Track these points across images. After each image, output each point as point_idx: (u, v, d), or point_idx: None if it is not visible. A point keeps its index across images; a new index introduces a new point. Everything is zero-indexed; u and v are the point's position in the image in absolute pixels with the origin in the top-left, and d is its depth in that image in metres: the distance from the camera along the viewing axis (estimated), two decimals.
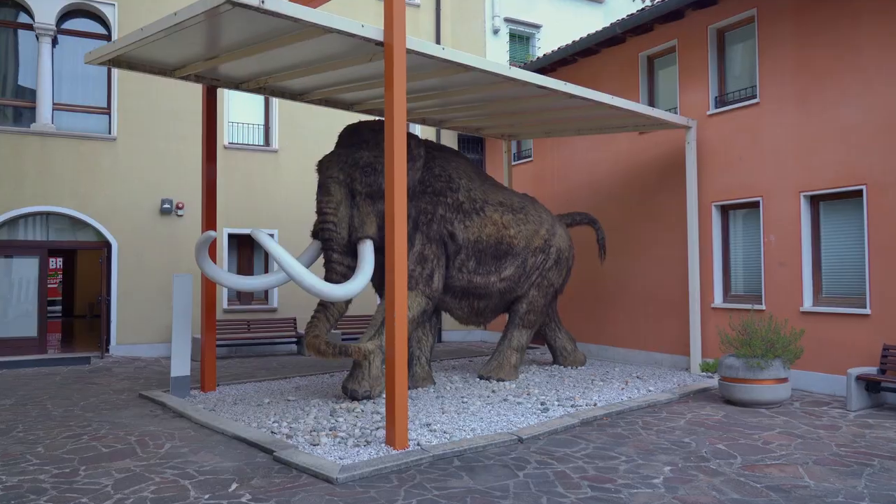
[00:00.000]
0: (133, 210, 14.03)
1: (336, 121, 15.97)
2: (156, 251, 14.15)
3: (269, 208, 15.25)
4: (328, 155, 9.24)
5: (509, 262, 10.24)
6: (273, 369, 12.47)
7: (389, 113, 6.79)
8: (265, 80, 9.52)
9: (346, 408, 8.43)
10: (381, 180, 9.05)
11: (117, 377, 11.49)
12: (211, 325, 9.89)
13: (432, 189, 9.58)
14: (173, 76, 9.28)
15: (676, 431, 7.54)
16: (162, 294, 14.07)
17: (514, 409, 8.42)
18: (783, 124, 10.16)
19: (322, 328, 8.78)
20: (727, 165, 11.00)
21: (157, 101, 14.33)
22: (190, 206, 14.43)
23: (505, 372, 10.57)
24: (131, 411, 8.72)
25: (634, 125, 11.74)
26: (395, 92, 6.74)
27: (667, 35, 12.07)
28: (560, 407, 8.60)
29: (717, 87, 11.36)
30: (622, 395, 9.41)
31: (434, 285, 9.44)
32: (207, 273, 8.61)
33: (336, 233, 8.81)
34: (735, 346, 8.94)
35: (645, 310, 12.46)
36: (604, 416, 8.22)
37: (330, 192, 8.83)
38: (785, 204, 10.12)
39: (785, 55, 10.15)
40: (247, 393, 9.76)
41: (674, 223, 11.91)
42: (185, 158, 14.47)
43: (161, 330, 14.08)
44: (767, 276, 10.35)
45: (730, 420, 8.06)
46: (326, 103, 11.00)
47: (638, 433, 7.48)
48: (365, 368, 8.95)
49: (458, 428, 7.43)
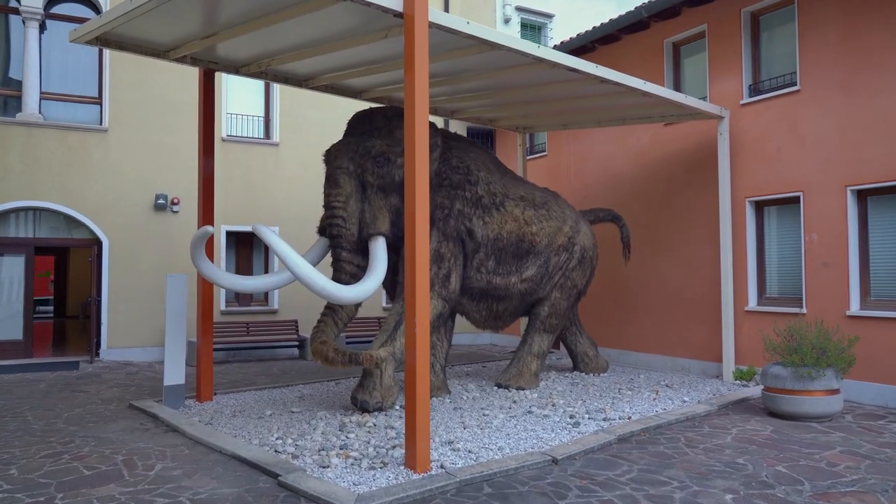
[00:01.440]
0: (125, 206, 13.23)
1: (340, 112, 15.16)
2: (149, 249, 13.36)
3: (269, 204, 14.46)
4: (337, 144, 8.45)
5: (531, 262, 9.46)
6: (274, 376, 11.69)
7: (410, 97, 6.00)
8: (267, 63, 8.74)
9: (356, 421, 7.66)
10: (394, 172, 8.28)
11: (107, 384, 10.69)
12: (207, 329, 9.10)
13: (449, 182, 8.81)
14: (167, 58, 8.50)
15: (726, 450, 6.77)
16: (155, 295, 13.28)
17: (541, 424, 7.65)
18: (827, 113, 9.41)
19: (330, 333, 8.00)
20: (763, 158, 10.24)
21: (151, 92, 13.53)
22: (186, 201, 13.64)
23: (525, 380, 9.80)
24: (119, 424, 7.93)
25: (661, 116, 10.99)
26: (416, 72, 5.95)
27: (695, 20, 11.30)
28: (591, 420, 7.83)
29: (752, 75, 10.61)
30: (655, 406, 8.65)
31: (451, 286, 8.67)
32: (204, 272, 7.84)
33: (345, 229, 8.04)
34: (782, 353, 8.17)
35: (670, 313, 11.70)
36: (641, 432, 7.45)
37: (339, 184, 8.05)
38: (829, 199, 9.37)
39: (829, 39, 9.40)
40: (246, 403, 8.97)
41: (702, 221, 11.15)
42: (182, 152, 13.68)
43: (154, 333, 13.28)
44: (809, 278, 9.59)
45: (781, 436, 7.30)
46: (333, 90, 10.23)
47: (684, 452, 6.72)
48: (376, 377, 8.18)
49: (483, 446, 6.65)
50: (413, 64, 5.96)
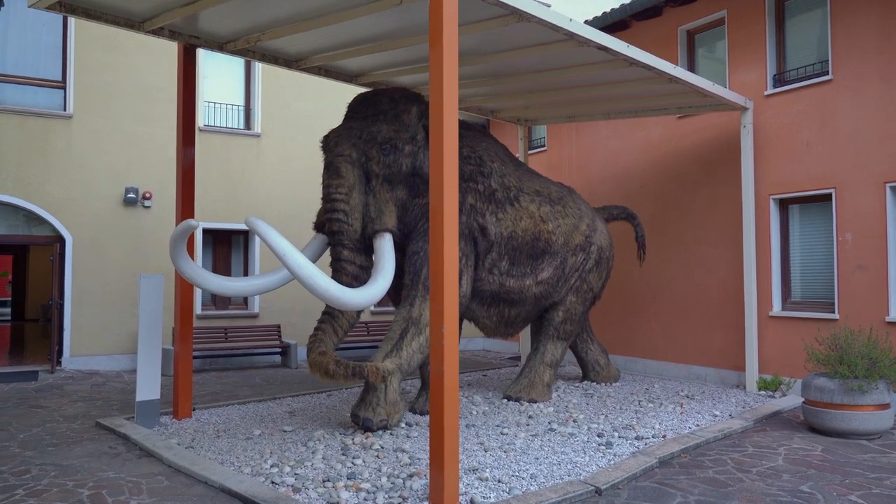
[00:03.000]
0: (91, 200, 12.08)
1: (327, 103, 14.24)
2: (118, 248, 12.22)
3: (249, 200, 13.41)
4: (337, 129, 7.50)
5: (547, 263, 8.63)
6: (257, 387, 10.67)
7: (437, 75, 5.08)
8: (256, 39, 7.79)
9: (360, 443, 6.73)
10: (402, 161, 7.38)
11: (69, 398, 9.58)
12: (186, 335, 8.09)
13: (460, 174, 7.93)
14: (142, 29, 7.50)
15: (783, 475, 6.01)
16: (124, 297, 12.15)
17: (568, 444, 6.81)
18: (864, 105, 8.75)
19: (329, 342, 7.07)
20: (789, 153, 9.57)
21: (122, 76, 12.40)
22: (159, 196, 12.54)
23: (537, 392, 8.96)
24: (85, 448, 6.88)
25: (678, 107, 10.26)
26: (444, 45, 5.04)
27: (714, 6, 10.60)
28: (622, 439, 7.02)
29: (776, 64, 9.93)
30: (686, 421, 7.88)
31: (462, 290, 7.79)
32: (184, 273, 6.84)
33: (348, 224, 7.10)
34: (828, 363, 7.45)
35: (684, 318, 10.97)
36: (681, 453, 6.66)
37: (340, 173, 7.11)
38: (865, 197, 8.72)
39: (866, 25, 8.75)
40: (230, 420, 7.98)
41: (719, 220, 10.45)
42: (155, 142, 12.58)
43: (123, 339, 12.15)
44: (842, 281, 8.93)
45: (836, 457, 6.57)
46: (325, 73, 9.31)
47: (737, 478, 5.93)
48: (380, 392, 7.27)
49: (512, 474, 5.79)
50: (441, 34, 5.05)
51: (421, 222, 7.67)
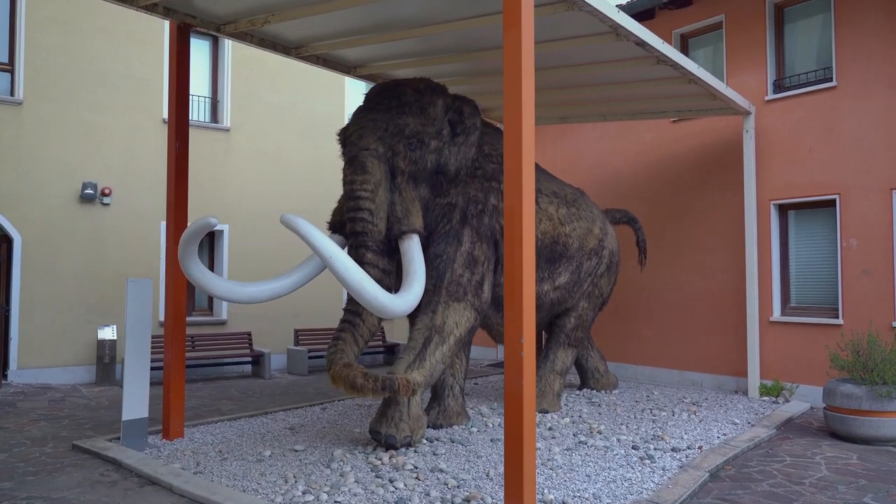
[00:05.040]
0: (43, 196, 10.94)
1: (300, 97, 13.55)
2: (73, 249, 11.12)
3: (217, 198, 12.52)
4: (359, 119, 6.87)
5: (564, 267, 8.28)
6: (237, 400, 9.87)
7: (514, 59, 4.63)
8: (263, 21, 7.10)
9: (390, 463, 6.17)
10: (427, 157, 6.88)
11: (28, 416, 8.55)
12: (178, 345, 7.27)
13: (483, 172, 7.47)
14: (135, 5, 6.75)
15: (838, 486, 5.84)
16: (80, 303, 11.07)
17: (609, 458, 6.45)
18: (870, 112, 8.83)
19: (350, 353, 6.45)
20: (791, 158, 9.59)
21: (79, 60, 11.30)
22: (119, 192, 11.50)
23: (548, 401, 8.60)
24: (72, 477, 6.02)
25: (677, 110, 10.13)
26: (522, 27, 4.60)
27: (710, 10, 10.57)
28: (658, 451, 6.72)
29: (776, 70, 9.96)
30: (709, 430, 7.69)
31: (484, 296, 7.33)
32: (193, 276, 6.10)
33: (373, 224, 6.50)
34: (854, 370, 7.40)
35: (678, 323, 10.86)
36: (726, 465, 6.43)
37: (366, 169, 6.51)
38: (870, 203, 8.79)
39: (871, 33, 8.84)
40: (228, 439, 7.23)
41: (717, 224, 10.40)
42: (115, 133, 11.54)
43: (78, 348, 11.05)
44: (846, 286, 8.98)
45: (875, 465, 6.48)
46: (324, 63, 8.68)
47: (796, 491, 5.72)
48: (402, 406, 6.71)
49: (574, 494, 5.37)
50: (519, 15, 4.60)
51: (442, 223, 7.18)
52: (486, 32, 7.12)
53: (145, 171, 11.77)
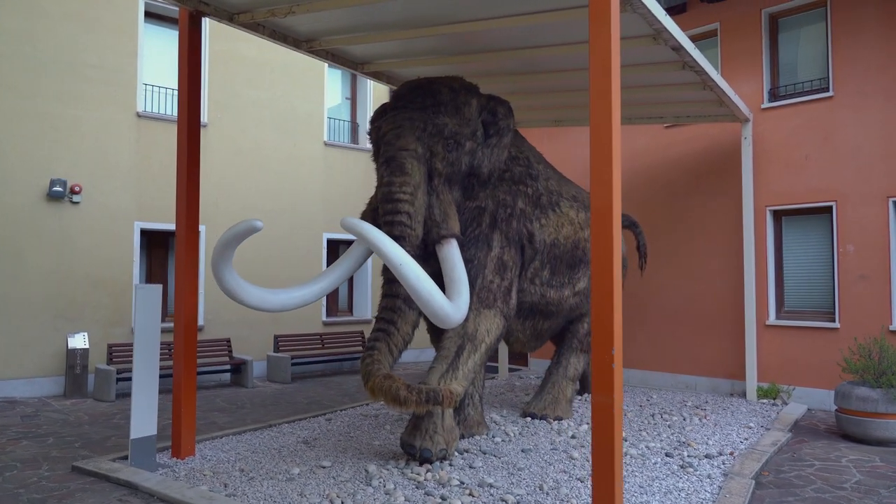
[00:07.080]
0: (6, 193, 10.07)
1: (280, 93, 13.02)
2: (39, 250, 10.28)
3: None
4: (395, 117, 6.51)
5: (583, 272, 8.17)
6: (228, 411, 9.33)
7: (601, 51, 4.47)
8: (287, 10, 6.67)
9: (435, 479, 5.88)
10: (462, 158, 6.63)
11: (4, 434, 7.81)
12: (190, 356, 6.76)
13: (511, 175, 7.28)
14: None
15: (880, 491, 5.93)
16: (47, 309, 10.24)
17: (650, 468, 6.35)
18: (867, 122, 9.11)
19: (386, 364, 6.13)
20: (787, 166, 9.80)
21: (47, 48, 10.47)
22: (90, 189, 10.73)
23: (562, 408, 8.48)
24: (87, 503, 5.47)
25: (675, 115, 10.21)
26: (611, 21, 4.44)
27: (706, 17, 10.71)
28: (693, 458, 6.68)
29: (771, 79, 10.17)
30: (728, 434, 7.73)
31: (511, 302, 7.13)
32: (226, 284, 5.65)
33: (411, 229, 6.19)
34: (868, 373, 7.58)
35: (672, 327, 10.96)
36: (762, 471, 6.45)
37: (406, 170, 6.19)
38: (866, 210, 9.07)
39: (868, 44, 9.12)
40: (243, 456, 6.76)
41: (712, 230, 10.54)
42: (85, 126, 10.76)
43: (45, 358, 10.23)
44: (843, 291, 9.23)
45: None
46: (332, 58, 8.30)
47: (842, 497, 5.77)
48: (437, 418, 6.44)
49: None
50: (608, 9, 4.44)
51: (471, 227, 6.94)
52: (500, 34, 6.93)
53: (118, 167, 11.02)
